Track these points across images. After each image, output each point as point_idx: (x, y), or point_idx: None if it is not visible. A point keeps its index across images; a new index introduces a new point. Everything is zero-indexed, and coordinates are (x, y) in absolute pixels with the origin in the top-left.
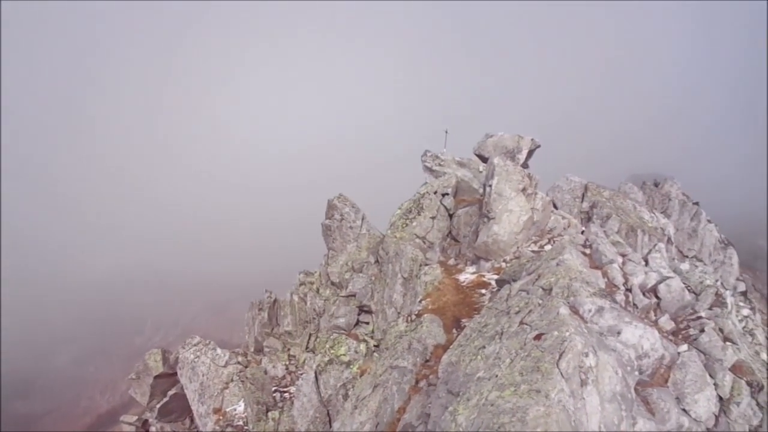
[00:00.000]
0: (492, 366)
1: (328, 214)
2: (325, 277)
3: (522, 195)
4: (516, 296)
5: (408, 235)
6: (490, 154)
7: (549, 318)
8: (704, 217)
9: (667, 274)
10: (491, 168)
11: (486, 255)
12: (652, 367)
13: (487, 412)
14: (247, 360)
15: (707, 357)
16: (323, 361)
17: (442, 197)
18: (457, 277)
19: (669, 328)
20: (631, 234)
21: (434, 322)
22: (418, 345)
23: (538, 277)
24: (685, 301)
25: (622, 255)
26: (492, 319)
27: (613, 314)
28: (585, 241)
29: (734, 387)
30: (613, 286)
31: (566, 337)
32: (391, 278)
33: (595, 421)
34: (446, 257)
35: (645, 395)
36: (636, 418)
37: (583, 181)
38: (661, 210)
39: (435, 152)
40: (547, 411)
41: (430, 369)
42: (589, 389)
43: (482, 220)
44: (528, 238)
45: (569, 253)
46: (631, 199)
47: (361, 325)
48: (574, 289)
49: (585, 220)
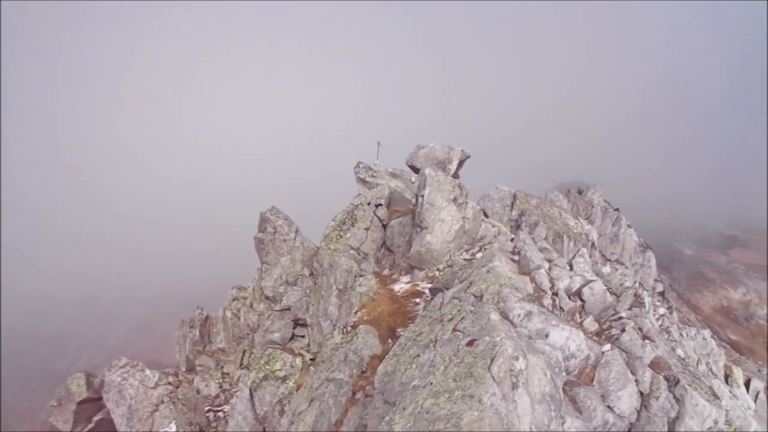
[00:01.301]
0: (427, 374)
1: (260, 228)
2: (259, 292)
3: (453, 204)
4: (449, 304)
5: (342, 247)
6: (422, 165)
7: (481, 324)
8: (624, 223)
9: (590, 277)
10: (423, 179)
11: (420, 264)
12: (578, 367)
13: (422, 419)
14: (178, 380)
15: (628, 355)
16: (258, 377)
17: (375, 208)
18: (392, 287)
19: (593, 329)
20: (557, 240)
21: (370, 332)
22: (354, 356)
23: (470, 285)
24: (607, 302)
25: (549, 260)
26: (426, 327)
27: (541, 318)
28: (514, 248)
29: (653, 382)
30: (540, 291)
31: (497, 342)
32: (326, 290)
33: (527, 422)
34: (381, 268)
35: (572, 395)
36: (565, 418)
37: (512, 190)
38: (585, 216)
39: (368, 163)
40: (480, 415)
41: (367, 380)
42: (520, 392)
43: (415, 230)
44: (460, 247)
45: (499, 260)
46: (557, 207)
47: (297, 339)
48: (504, 295)
49: (514, 228)
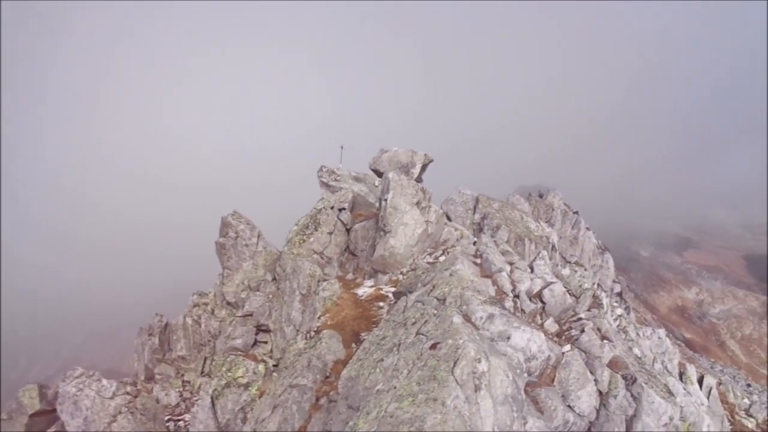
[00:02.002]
0: (390, 378)
1: (222, 232)
2: (220, 298)
3: (416, 208)
4: (412, 307)
5: (305, 251)
6: (386, 169)
7: (444, 327)
8: (583, 225)
9: (551, 279)
10: (386, 182)
11: (383, 268)
12: (539, 368)
13: (386, 424)
14: (137, 389)
15: (587, 355)
16: (220, 384)
17: (339, 212)
18: (356, 291)
19: (553, 330)
20: (519, 243)
21: (333, 337)
22: (318, 362)
23: (433, 288)
24: (567, 304)
25: (510, 263)
26: (390, 331)
27: (503, 320)
28: (476, 252)
29: (611, 381)
30: (502, 293)
31: (460, 344)
32: (289, 295)
33: (489, 423)
34: (344, 272)
35: (534, 395)
36: (526, 418)
37: (474, 193)
38: (545, 219)
39: (331, 167)
40: (443, 418)
41: (331, 385)
42: (483, 393)
43: (379, 233)
44: (423, 250)
45: (461, 264)
46: (518, 210)
47: (259, 345)
48: (466, 298)
49: (477, 231)
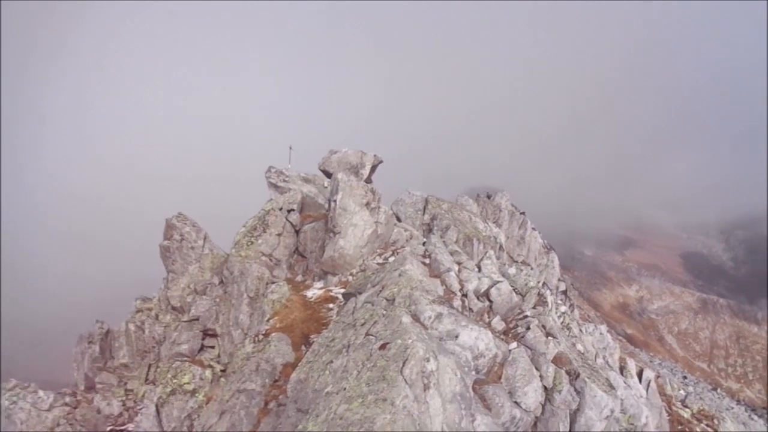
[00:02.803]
0: (340, 379)
1: (166, 235)
2: (165, 302)
3: (366, 209)
4: (362, 308)
5: (254, 253)
6: (335, 170)
7: (393, 327)
8: (530, 226)
9: (497, 278)
10: (335, 183)
11: (333, 269)
12: (487, 365)
13: (336, 426)
14: (76, 400)
15: (533, 352)
16: (165, 392)
17: (287, 213)
18: (305, 293)
19: (500, 328)
20: (467, 243)
21: (282, 340)
22: (267, 365)
23: (382, 289)
24: (513, 302)
25: (459, 263)
26: (339, 332)
27: (451, 319)
28: (425, 252)
29: (556, 377)
30: (450, 293)
31: (409, 344)
32: (236, 299)
33: (438, 422)
34: (294, 274)
35: (482, 392)
36: (474, 415)
37: (424, 194)
38: (493, 220)
39: (279, 168)
40: (393, 418)
41: (280, 389)
42: (432, 392)
43: (328, 235)
44: (373, 251)
45: (410, 264)
46: (467, 211)
47: (206, 350)
48: (415, 298)
49: (426, 232)
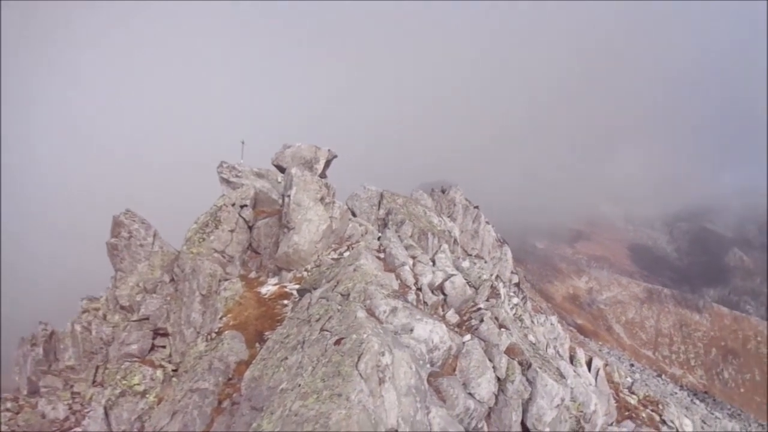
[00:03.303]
0: (295, 376)
1: (114, 232)
2: (113, 302)
3: (320, 204)
4: (317, 304)
5: (206, 250)
6: (288, 165)
7: (348, 322)
8: (483, 220)
9: (451, 272)
10: (289, 178)
11: (287, 265)
12: (441, 358)
13: (291, 423)
14: (18, 405)
15: (486, 343)
16: (114, 393)
17: (240, 209)
18: (259, 290)
19: (455, 321)
20: (422, 237)
21: (236, 338)
22: (220, 364)
23: (337, 284)
24: (467, 295)
25: (413, 257)
26: (294, 329)
27: (406, 313)
28: (380, 246)
29: (509, 367)
30: (405, 287)
31: (364, 339)
32: (188, 297)
33: (394, 415)
34: (247, 270)
35: (437, 385)
36: (429, 407)
37: (379, 189)
38: (447, 214)
39: (231, 163)
40: (348, 413)
41: (234, 387)
42: (387, 386)
43: (282, 230)
44: (328, 247)
45: (365, 259)
46: (421, 206)
47: (157, 349)
48: (370, 293)
49: (381, 226)
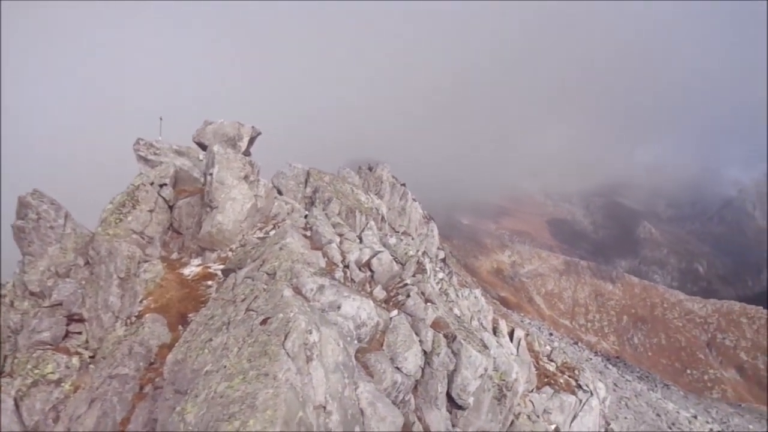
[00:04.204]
0: (220, 357)
1: (20, 214)
2: (22, 288)
3: (245, 182)
4: (242, 284)
5: (123, 231)
6: (210, 142)
7: (274, 301)
8: (410, 197)
9: (378, 249)
10: (211, 156)
11: (211, 245)
12: (369, 334)
13: (216, 405)
14: None
15: (413, 318)
16: (25, 384)
17: (159, 188)
18: (182, 271)
19: (382, 297)
20: (350, 215)
21: (157, 321)
22: (141, 348)
23: (263, 263)
24: (394, 271)
25: (340, 235)
26: (218, 310)
27: (333, 290)
28: (306, 225)
29: (435, 341)
30: (332, 265)
31: (290, 317)
32: (105, 280)
33: (322, 392)
34: (168, 252)
35: (364, 360)
36: (357, 383)
37: (305, 167)
38: (375, 192)
39: (149, 140)
40: (275, 392)
41: (156, 371)
42: (315, 364)
43: (205, 210)
44: (253, 226)
45: (291, 237)
46: (349, 183)
47: (72, 336)
48: (296, 271)
49: (308, 205)
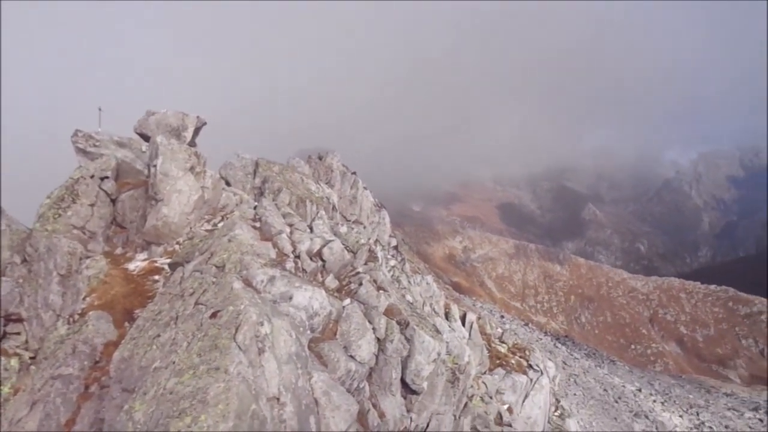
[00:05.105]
0: (169, 353)
1: None
2: None
3: (191, 174)
4: (190, 278)
5: (63, 227)
6: (153, 133)
7: (224, 294)
8: (361, 185)
9: (329, 237)
10: (155, 147)
11: (157, 239)
12: (322, 323)
13: (166, 401)
14: None
15: (366, 306)
16: None
17: (100, 181)
18: (127, 266)
19: (334, 286)
20: (300, 205)
21: (102, 318)
22: (85, 347)
23: (211, 255)
24: (345, 260)
25: (291, 225)
26: (166, 304)
27: (284, 281)
28: (255, 215)
29: (388, 328)
30: (283, 255)
31: (241, 310)
32: (44, 278)
33: (275, 383)
34: (112, 247)
35: (318, 350)
36: (311, 373)
37: (254, 157)
38: (325, 181)
39: (88, 131)
40: (227, 386)
41: (102, 370)
42: (267, 356)
43: (150, 202)
44: (201, 218)
45: (240, 229)
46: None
47: (10, 337)
48: (245, 263)
49: (258, 195)
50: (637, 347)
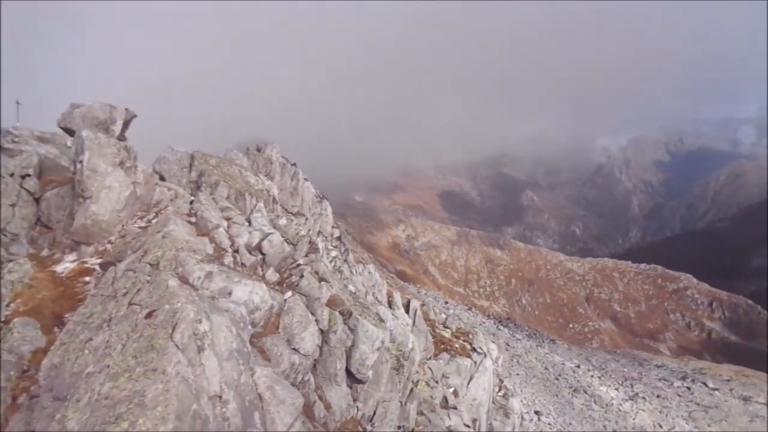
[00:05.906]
0: (102, 357)
1: None
2: None
3: (120, 169)
4: (123, 277)
5: None
6: (79, 127)
7: (159, 293)
8: (302, 177)
9: (268, 230)
10: (80, 142)
11: (87, 239)
12: (263, 318)
13: (101, 407)
14: None
15: (308, 298)
16: None
17: (21, 179)
18: (54, 268)
19: (275, 280)
20: (239, 198)
21: (28, 325)
22: (11, 356)
23: (145, 253)
24: (286, 252)
25: (228, 219)
26: (98, 307)
27: (222, 277)
28: (191, 210)
29: (331, 318)
30: (221, 250)
31: (178, 308)
32: None
33: (216, 381)
34: (38, 248)
35: (260, 345)
36: (254, 368)
37: (188, 150)
38: (265, 173)
39: (6, 127)
40: (165, 387)
41: (30, 379)
42: (207, 354)
43: (77, 200)
44: (133, 215)
45: (175, 224)
46: (237, 165)
47: None
48: (181, 259)
49: (195, 189)
50: (575, 326)
